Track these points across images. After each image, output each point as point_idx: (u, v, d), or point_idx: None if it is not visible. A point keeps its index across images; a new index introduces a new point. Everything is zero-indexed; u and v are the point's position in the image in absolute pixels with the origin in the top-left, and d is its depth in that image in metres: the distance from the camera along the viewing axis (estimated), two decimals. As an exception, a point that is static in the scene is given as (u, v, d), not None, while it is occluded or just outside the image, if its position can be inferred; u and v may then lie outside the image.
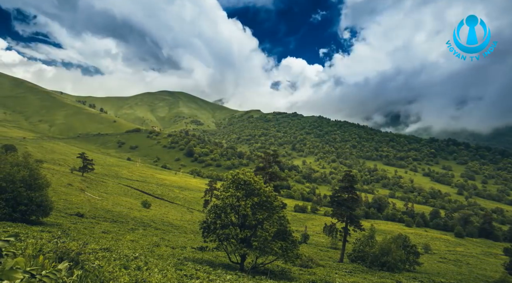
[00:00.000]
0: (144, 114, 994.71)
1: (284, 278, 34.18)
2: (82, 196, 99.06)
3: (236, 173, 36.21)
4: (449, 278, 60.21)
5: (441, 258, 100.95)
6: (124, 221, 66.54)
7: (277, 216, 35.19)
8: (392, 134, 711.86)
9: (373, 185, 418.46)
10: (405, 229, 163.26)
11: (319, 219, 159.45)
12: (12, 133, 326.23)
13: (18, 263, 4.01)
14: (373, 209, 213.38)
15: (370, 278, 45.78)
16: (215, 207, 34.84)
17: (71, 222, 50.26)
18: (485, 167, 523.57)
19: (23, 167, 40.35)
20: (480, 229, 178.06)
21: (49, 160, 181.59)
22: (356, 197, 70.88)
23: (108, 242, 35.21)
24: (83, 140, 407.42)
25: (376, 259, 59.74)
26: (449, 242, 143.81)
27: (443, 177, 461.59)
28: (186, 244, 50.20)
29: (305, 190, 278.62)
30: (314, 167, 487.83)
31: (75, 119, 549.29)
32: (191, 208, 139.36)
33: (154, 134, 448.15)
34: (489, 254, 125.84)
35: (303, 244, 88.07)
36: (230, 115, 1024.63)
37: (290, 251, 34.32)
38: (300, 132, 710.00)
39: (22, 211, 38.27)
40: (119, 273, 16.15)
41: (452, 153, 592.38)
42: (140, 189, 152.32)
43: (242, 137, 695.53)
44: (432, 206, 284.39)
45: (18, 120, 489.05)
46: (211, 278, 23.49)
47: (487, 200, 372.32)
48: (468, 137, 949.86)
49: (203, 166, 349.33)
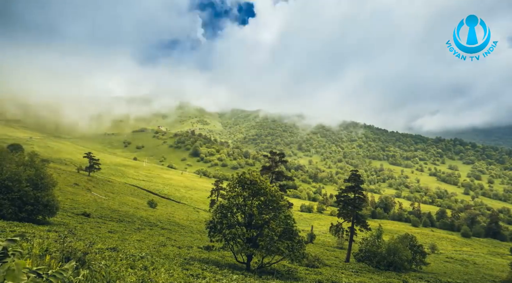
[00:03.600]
0: (151, 114, 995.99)
1: (290, 278, 34.06)
2: (88, 195, 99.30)
3: (242, 173, 36.14)
4: (456, 278, 59.84)
5: (448, 258, 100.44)
6: (130, 221, 66.59)
7: (283, 215, 35.09)
8: (399, 134, 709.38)
9: (380, 184, 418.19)
10: (411, 228, 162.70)
11: (325, 218, 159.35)
12: (18, 133, 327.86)
13: (20, 264, 3.95)
14: (380, 209, 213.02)
15: (377, 278, 45.56)
16: (221, 206, 34.78)
17: (78, 221, 50.32)
18: (491, 167, 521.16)
19: (29, 167, 40.37)
20: (486, 229, 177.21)
21: (55, 159, 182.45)
22: (362, 197, 70.67)
23: (114, 241, 35.21)
24: (89, 140, 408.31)
25: (382, 259, 59.48)
26: (455, 242, 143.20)
27: (450, 176, 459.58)
28: (192, 243, 50.17)
29: (311, 190, 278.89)
30: (320, 166, 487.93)
31: (83, 119, 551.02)
32: (197, 207, 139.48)
33: (160, 134, 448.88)
34: (496, 254, 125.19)
35: (309, 243, 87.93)
36: (236, 115, 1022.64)
37: (297, 250, 34.17)
38: (306, 132, 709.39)
39: (29, 210, 38.28)
40: (125, 272, 16.09)
41: (459, 153, 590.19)
42: (146, 189, 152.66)
43: (248, 137, 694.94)
44: (438, 206, 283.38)
45: (25, 120, 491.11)
46: (217, 277, 23.42)
47: (494, 200, 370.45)
48: (474, 136, 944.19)
49: (209, 165, 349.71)
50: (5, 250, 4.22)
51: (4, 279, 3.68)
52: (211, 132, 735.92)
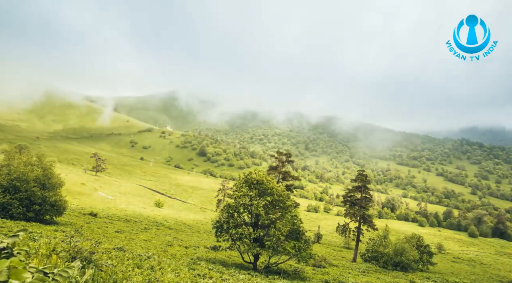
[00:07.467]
0: (157, 113, 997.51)
1: (297, 278, 34.03)
2: (95, 195, 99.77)
3: (249, 173, 36.14)
4: (463, 278, 59.65)
5: (455, 258, 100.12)
6: (137, 221, 66.83)
7: (289, 215, 35.05)
8: (406, 134, 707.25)
9: (386, 184, 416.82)
10: (418, 228, 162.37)
11: (332, 218, 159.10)
12: (25, 133, 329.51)
13: (17, 263, 3.95)
14: (386, 209, 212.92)
15: (384, 278, 45.45)
16: (228, 206, 34.79)
17: (85, 221, 50.56)
18: (499, 167, 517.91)
19: (37, 167, 40.57)
20: (493, 229, 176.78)
21: (62, 159, 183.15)
22: (369, 197, 70.57)
23: (121, 241, 35.32)
24: (96, 140, 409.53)
25: (389, 259, 59.38)
26: (462, 242, 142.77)
27: (457, 176, 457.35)
28: (199, 243, 50.25)
29: (317, 190, 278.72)
30: (327, 166, 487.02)
31: (89, 119, 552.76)
32: (204, 207, 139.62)
33: (167, 134, 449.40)
34: (503, 254, 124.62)
35: (316, 243, 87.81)
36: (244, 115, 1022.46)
37: (303, 250, 34.15)
38: (313, 132, 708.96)
39: (36, 210, 38.46)
40: (132, 272, 16.10)
41: (466, 153, 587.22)
42: (153, 189, 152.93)
43: (255, 137, 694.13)
44: (445, 206, 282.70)
45: (31, 120, 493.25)
46: (224, 277, 23.40)
47: (501, 200, 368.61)
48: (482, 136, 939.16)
49: (216, 165, 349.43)
50: (10, 249, 4.22)
51: (9, 278, 3.67)
52: (217, 132, 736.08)
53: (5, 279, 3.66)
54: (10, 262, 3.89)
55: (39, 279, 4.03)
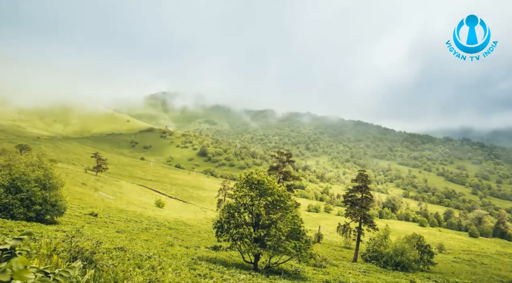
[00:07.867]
0: (158, 113, 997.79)
1: (298, 278, 34.02)
2: (96, 195, 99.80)
3: (249, 173, 36.12)
4: (464, 278, 59.69)
5: (455, 258, 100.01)
6: (138, 221, 66.80)
7: (290, 215, 35.02)
8: (406, 134, 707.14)
9: (387, 184, 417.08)
10: (419, 228, 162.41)
11: (333, 218, 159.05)
12: (26, 133, 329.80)
13: (23, 262, 3.95)
14: (387, 209, 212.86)
15: (384, 278, 45.48)
16: (228, 206, 34.78)
17: (85, 221, 50.54)
18: (499, 167, 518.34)
19: (38, 167, 40.55)
20: (494, 229, 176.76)
21: (63, 159, 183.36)
22: (370, 197, 70.62)
23: (122, 241, 35.28)
24: (97, 140, 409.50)
25: (390, 259, 59.42)
26: (463, 242, 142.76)
27: (457, 176, 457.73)
28: (199, 243, 50.26)
29: (318, 190, 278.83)
30: (328, 166, 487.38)
31: (89, 119, 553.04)
32: (204, 207, 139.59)
33: (168, 134, 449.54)
34: (504, 254, 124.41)
35: (316, 243, 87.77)
36: (244, 114, 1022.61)
37: (304, 250, 34.13)
38: (314, 132, 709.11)
39: (37, 210, 38.41)
40: (133, 272, 16.12)
41: (467, 153, 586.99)
42: (153, 189, 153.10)
43: (255, 137, 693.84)
44: (446, 206, 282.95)
45: (32, 120, 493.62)
46: (224, 277, 23.44)
47: (502, 200, 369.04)
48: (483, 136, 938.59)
49: (216, 165, 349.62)
50: (12, 250, 4.23)
51: (12, 279, 3.68)
52: (218, 133, 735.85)
53: (8, 279, 3.67)
54: (15, 262, 3.90)
55: (41, 280, 4.04)
